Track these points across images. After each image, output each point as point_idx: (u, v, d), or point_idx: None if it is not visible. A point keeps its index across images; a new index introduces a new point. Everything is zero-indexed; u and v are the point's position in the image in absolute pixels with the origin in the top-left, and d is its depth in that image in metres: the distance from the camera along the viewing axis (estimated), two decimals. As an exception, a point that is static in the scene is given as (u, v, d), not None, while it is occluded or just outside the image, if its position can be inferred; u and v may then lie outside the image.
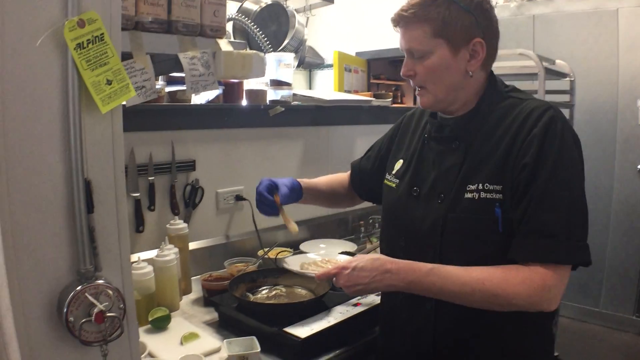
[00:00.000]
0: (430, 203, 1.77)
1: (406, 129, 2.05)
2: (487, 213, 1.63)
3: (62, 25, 1.09)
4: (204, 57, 1.78)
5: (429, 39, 1.68)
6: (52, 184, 1.12)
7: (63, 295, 1.14)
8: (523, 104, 1.71)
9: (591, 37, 5.08)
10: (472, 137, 1.73)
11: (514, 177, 1.61)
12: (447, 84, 1.73)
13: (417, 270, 1.63)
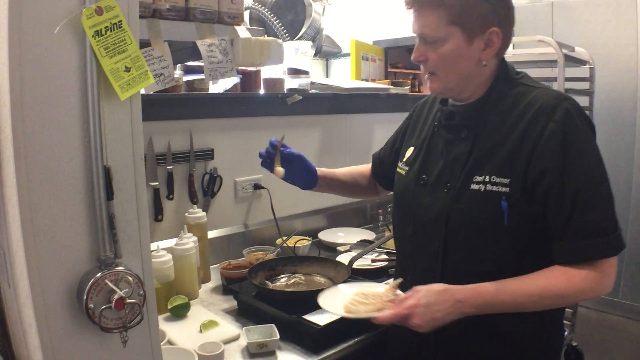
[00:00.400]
0: (436, 192, 1.75)
1: (418, 116, 2.03)
2: (492, 206, 1.61)
3: (80, 12, 1.09)
4: (222, 44, 1.78)
5: (443, 25, 1.62)
6: (71, 171, 1.13)
7: (83, 282, 1.15)
8: (533, 94, 1.67)
9: (610, 25, 5.02)
10: (481, 126, 1.70)
11: (528, 177, 1.59)
12: (458, 73, 1.69)
13: (485, 293, 1.58)
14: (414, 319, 1.57)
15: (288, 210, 3.19)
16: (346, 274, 2.23)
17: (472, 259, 1.67)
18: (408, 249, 1.86)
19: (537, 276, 1.59)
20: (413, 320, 1.57)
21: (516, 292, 1.58)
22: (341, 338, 1.98)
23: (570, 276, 1.56)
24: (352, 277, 2.27)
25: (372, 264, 2.55)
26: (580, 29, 5.17)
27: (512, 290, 1.58)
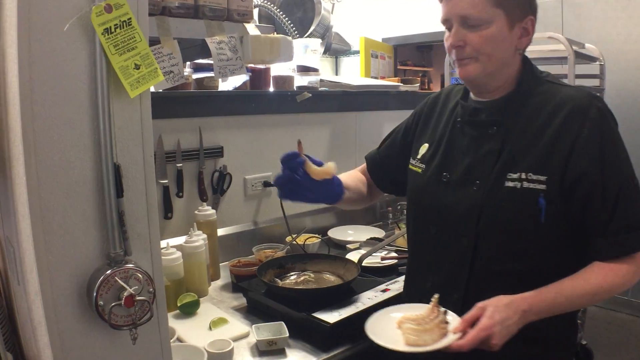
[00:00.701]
0: (463, 190, 1.70)
1: (430, 112, 1.97)
2: (530, 203, 1.59)
3: (90, 10, 1.10)
4: (232, 42, 1.78)
5: (490, 7, 1.59)
6: (81, 168, 1.13)
7: (93, 279, 1.15)
8: (562, 92, 1.66)
9: (620, 21, 5.00)
10: (510, 122, 1.67)
11: (567, 176, 1.58)
12: (499, 58, 1.65)
13: (546, 299, 1.55)
14: (494, 339, 1.46)
15: (297, 208, 3.19)
16: (355, 272, 2.22)
17: (503, 258, 1.64)
18: (430, 249, 1.80)
19: (586, 274, 1.60)
20: (493, 340, 1.46)
21: (572, 293, 1.57)
22: (351, 335, 1.97)
23: (616, 270, 1.58)
24: (362, 274, 2.27)
25: (381, 262, 2.54)
26: (590, 26, 5.15)
27: (568, 292, 1.57)
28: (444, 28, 1.71)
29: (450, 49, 1.67)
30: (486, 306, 1.50)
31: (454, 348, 1.44)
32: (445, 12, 1.66)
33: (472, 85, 1.76)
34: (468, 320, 1.49)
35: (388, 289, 2.21)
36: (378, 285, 2.24)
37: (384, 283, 2.27)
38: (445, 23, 1.68)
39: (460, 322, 1.50)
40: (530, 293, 1.54)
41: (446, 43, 1.69)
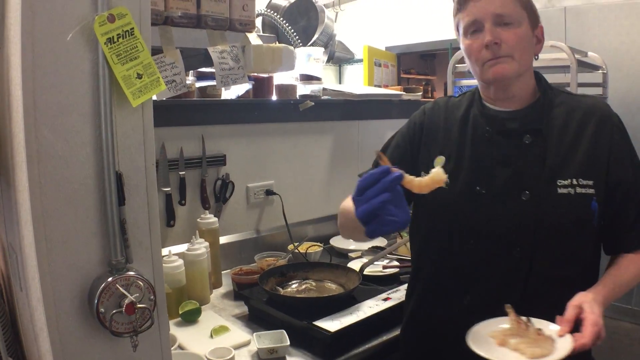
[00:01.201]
0: (508, 201, 1.67)
1: (434, 123, 1.89)
2: (584, 207, 1.64)
3: (93, 20, 1.10)
4: (234, 51, 1.79)
5: (519, 7, 1.65)
6: (83, 176, 1.14)
7: (94, 287, 1.16)
8: (582, 101, 1.76)
9: (623, 29, 4.99)
10: (545, 131, 1.69)
11: (609, 180, 1.67)
12: (528, 59, 1.70)
13: (610, 292, 1.60)
14: (602, 332, 1.46)
15: (300, 216, 3.20)
16: (357, 281, 2.23)
17: (561, 264, 1.65)
18: (467, 263, 1.74)
19: (623, 265, 1.70)
20: (602, 334, 1.46)
21: (622, 282, 1.66)
22: (351, 344, 1.98)
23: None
24: (364, 283, 2.27)
25: (383, 271, 2.54)
26: (593, 34, 5.15)
27: (620, 282, 1.65)
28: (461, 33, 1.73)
29: (480, 49, 1.66)
30: (581, 303, 1.50)
31: (577, 349, 1.41)
32: (474, 13, 1.66)
33: (501, 87, 1.72)
34: (570, 320, 1.47)
35: (389, 297, 2.21)
36: (379, 294, 2.25)
37: (386, 292, 2.27)
38: (471, 25, 1.68)
39: (564, 323, 1.47)
40: (598, 287, 1.59)
41: (473, 44, 1.68)
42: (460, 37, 1.75)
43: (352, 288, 2.19)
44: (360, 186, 1.41)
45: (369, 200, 1.37)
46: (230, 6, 1.79)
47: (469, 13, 1.67)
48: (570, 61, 3.48)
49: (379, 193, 1.37)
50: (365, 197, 1.39)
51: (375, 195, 1.37)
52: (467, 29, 1.69)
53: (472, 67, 1.74)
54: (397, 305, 2.13)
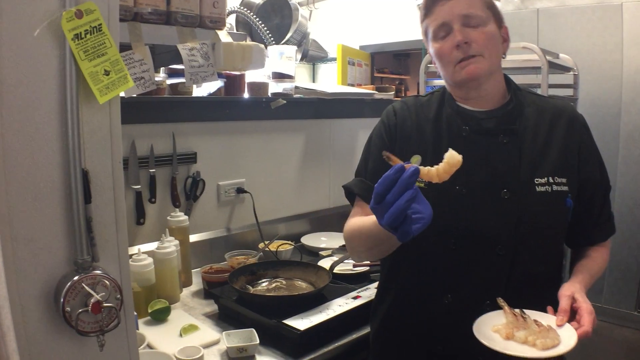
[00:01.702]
0: (488, 200, 1.69)
1: (405, 122, 1.88)
2: (560, 204, 1.70)
3: (60, 15, 1.09)
4: (203, 49, 1.78)
5: (484, 7, 1.69)
6: (49, 174, 1.12)
7: (60, 286, 1.14)
8: (551, 103, 1.83)
9: (595, 32, 5.05)
10: (519, 130, 1.73)
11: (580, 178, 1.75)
12: (497, 57, 1.74)
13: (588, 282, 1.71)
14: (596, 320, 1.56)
15: (271, 215, 3.20)
16: (327, 279, 2.23)
17: (540, 260, 1.71)
18: (448, 263, 1.73)
19: (591, 256, 1.81)
20: (595, 321, 1.55)
21: (593, 272, 1.77)
22: (321, 342, 1.99)
23: (603, 252, 1.85)
24: (334, 281, 2.28)
25: (353, 269, 2.55)
26: (566, 36, 5.20)
27: (592, 274, 1.76)
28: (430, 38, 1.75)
29: (451, 50, 1.68)
30: (572, 293, 1.57)
31: (581, 336, 1.46)
32: (442, 16, 1.69)
33: (474, 86, 1.73)
34: (567, 310, 1.53)
35: (359, 296, 2.22)
36: (349, 292, 2.25)
37: (355, 290, 2.28)
38: (440, 29, 1.70)
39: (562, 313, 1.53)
40: (578, 278, 1.71)
41: (443, 47, 1.70)
42: (429, 42, 1.77)
43: (322, 286, 2.19)
44: (378, 192, 1.35)
45: (393, 204, 1.32)
46: (200, 3, 1.78)
47: (436, 17, 1.70)
48: (542, 63, 3.50)
49: (401, 193, 1.32)
50: (387, 202, 1.33)
51: (398, 197, 1.32)
52: (436, 32, 1.72)
53: (442, 69, 1.76)
54: (367, 304, 2.14)
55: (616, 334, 5.02)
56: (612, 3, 4.95)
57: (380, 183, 1.34)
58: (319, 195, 3.52)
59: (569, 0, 5.20)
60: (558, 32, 5.25)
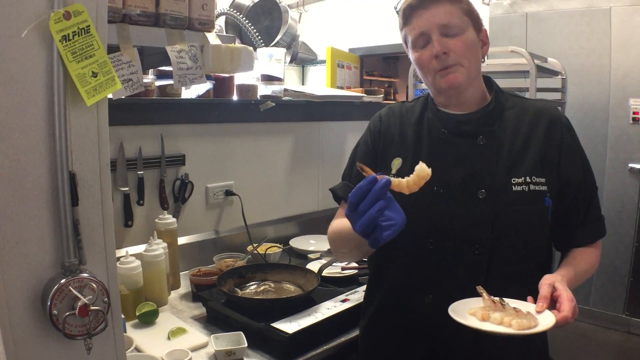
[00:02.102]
0: (466, 200, 1.71)
1: (389, 128, 1.93)
2: (537, 203, 1.71)
3: (48, 17, 1.09)
4: (192, 51, 1.78)
5: (462, 15, 1.70)
6: (36, 176, 1.12)
7: (47, 289, 1.14)
8: (532, 104, 1.84)
9: (583, 36, 5.08)
10: (498, 132, 1.74)
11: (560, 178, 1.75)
12: (477, 63, 1.75)
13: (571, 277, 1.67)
14: (576, 308, 1.49)
15: (259, 217, 3.19)
16: (315, 282, 2.23)
17: (519, 259, 1.72)
18: (427, 263, 1.76)
19: (578, 256, 1.78)
20: (576, 311, 1.49)
21: (580, 271, 1.74)
22: (309, 346, 1.98)
23: (593, 252, 1.82)
24: (322, 284, 2.28)
25: (342, 272, 2.55)
26: (554, 40, 5.23)
27: (577, 272, 1.72)
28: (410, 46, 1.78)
29: (430, 59, 1.70)
30: (553, 282, 1.55)
31: (560, 322, 1.44)
32: (420, 26, 1.71)
33: (454, 94, 1.77)
34: (547, 297, 1.51)
35: (348, 299, 2.21)
36: (338, 295, 2.25)
37: (344, 293, 2.28)
38: (419, 38, 1.72)
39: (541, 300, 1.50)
40: (561, 272, 1.68)
41: (422, 55, 1.73)
42: (409, 50, 1.80)
43: (310, 289, 2.19)
44: (352, 201, 1.42)
45: (365, 213, 1.40)
46: (189, 5, 1.78)
47: (415, 26, 1.72)
48: (530, 66, 3.52)
49: (373, 203, 1.39)
50: (360, 211, 1.41)
51: (370, 207, 1.39)
52: (415, 42, 1.74)
53: (424, 77, 1.79)
54: (356, 307, 2.14)
55: (604, 337, 5.05)
56: (600, 7, 4.99)
57: (354, 193, 1.42)
58: (308, 197, 3.52)
59: (557, 5, 5.23)
60: (547, 36, 5.28)
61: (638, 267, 4.99)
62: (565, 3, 5.18)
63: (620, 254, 5.04)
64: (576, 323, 5.14)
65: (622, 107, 4.96)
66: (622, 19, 4.89)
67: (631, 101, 4.90)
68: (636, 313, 5.04)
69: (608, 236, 1.87)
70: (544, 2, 5.30)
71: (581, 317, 5.22)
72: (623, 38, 4.90)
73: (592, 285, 5.21)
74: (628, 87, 4.91)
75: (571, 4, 5.15)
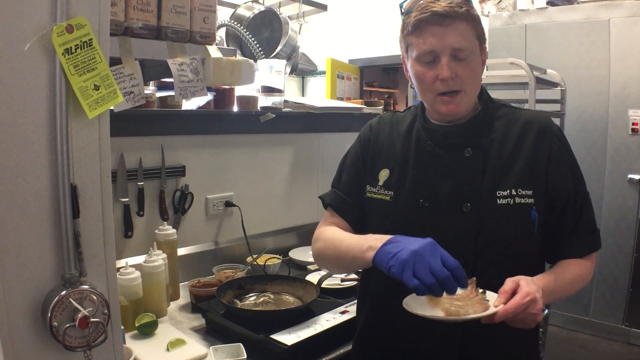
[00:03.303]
0: (450, 212, 1.70)
1: (378, 138, 1.94)
2: (523, 217, 1.67)
3: (51, 30, 1.10)
4: (193, 64, 1.79)
5: (474, 38, 1.67)
6: (38, 188, 1.13)
7: (47, 300, 1.14)
8: (522, 114, 1.80)
9: (583, 47, 5.10)
10: (484, 144, 1.73)
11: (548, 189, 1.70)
12: (478, 87, 1.75)
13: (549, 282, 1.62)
14: (538, 304, 1.49)
15: (259, 228, 3.19)
16: (315, 294, 2.23)
17: (503, 272, 1.64)
18: None
19: (564, 267, 1.73)
20: (537, 305, 1.49)
21: (563, 279, 1.69)
22: (308, 357, 1.98)
23: (580, 264, 1.74)
24: (321, 296, 2.28)
25: (341, 284, 2.55)
26: (553, 51, 5.24)
27: (562, 278, 1.68)
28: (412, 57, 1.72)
29: (434, 80, 1.66)
30: (517, 280, 1.53)
31: (500, 315, 1.45)
32: (432, 44, 1.64)
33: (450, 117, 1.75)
34: (508, 291, 1.50)
35: (347, 310, 2.21)
36: (337, 307, 2.25)
37: (343, 305, 2.27)
38: (427, 55, 1.67)
39: (500, 294, 1.51)
40: (539, 276, 1.62)
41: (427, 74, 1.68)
42: (409, 60, 1.75)
43: (309, 301, 2.19)
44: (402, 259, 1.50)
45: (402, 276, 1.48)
46: (191, 18, 1.79)
47: (425, 42, 1.65)
48: (529, 78, 3.53)
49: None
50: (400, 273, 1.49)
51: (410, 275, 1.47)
52: (421, 57, 1.68)
53: (421, 92, 1.75)
54: (355, 319, 2.13)
55: (604, 348, 5.04)
56: (599, 19, 5.00)
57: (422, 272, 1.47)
58: (308, 209, 3.52)
59: (556, 16, 5.25)
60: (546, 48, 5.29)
61: (637, 278, 4.98)
62: (564, 15, 5.20)
63: (620, 264, 5.04)
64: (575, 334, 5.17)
65: (621, 118, 4.96)
66: (620, 31, 4.90)
67: (630, 112, 4.90)
68: (636, 324, 5.03)
69: (607, 247, 1.87)
70: (543, 14, 5.32)
71: (581, 327, 5.26)
72: (622, 49, 4.92)
73: (592, 296, 5.21)
74: (627, 98, 4.91)
75: (570, 16, 5.16)
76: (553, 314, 5.17)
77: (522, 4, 5.43)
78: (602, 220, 4.98)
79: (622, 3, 4.87)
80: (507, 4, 5.54)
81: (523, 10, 5.42)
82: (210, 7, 1.84)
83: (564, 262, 1.74)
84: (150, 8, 1.68)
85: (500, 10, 5.57)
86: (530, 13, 5.40)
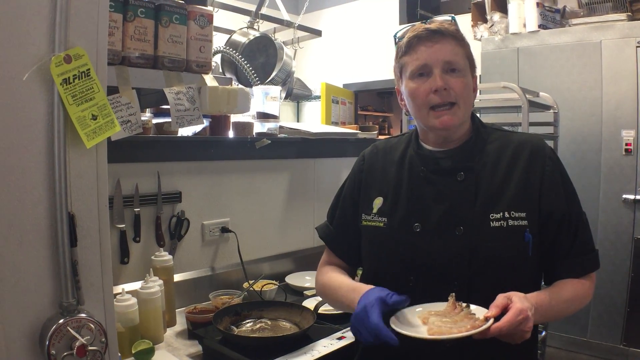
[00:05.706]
0: (444, 237, 1.72)
1: (372, 167, 1.97)
2: (517, 239, 1.68)
3: (49, 60, 1.11)
4: (190, 92, 1.80)
5: (464, 58, 1.74)
6: (36, 217, 1.13)
7: (45, 328, 1.15)
8: (515, 137, 1.82)
9: (575, 69, 5.13)
10: (477, 168, 1.75)
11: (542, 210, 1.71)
12: (470, 106, 1.78)
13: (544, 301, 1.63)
14: (529, 322, 1.49)
15: (255, 254, 3.19)
16: (312, 320, 2.23)
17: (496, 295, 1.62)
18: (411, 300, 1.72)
19: (560, 286, 1.73)
20: (529, 324, 1.49)
21: (559, 299, 1.69)
22: (306, 384, 1.98)
23: (581, 285, 1.73)
24: (318, 322, 2.27)
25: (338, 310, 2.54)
26: (546, 74, 5.28)
27: (556, 299, 1.68)
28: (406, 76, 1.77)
29: (428, 93, 1.71)
30: (510, 296, 1.54)
31: (492, 331, 1.46)
32: (425, 58, 1.71)
33: (445, 134, 1.78)
34: (499, 306, 1.51)
35: (344, 336, 2.21)
36: (334, 332, 2.25)
37: (340, 331, 2.27)
38: (420, 69, 1.72)
39: (492, 309, 1.51)
40: (533, 294, 1.62)
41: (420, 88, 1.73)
42: (404, 80, 1.79)
43: (306, 327, 2.19)
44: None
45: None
46: (187, 48, 1.81)
47: (418, 57, 1.72)
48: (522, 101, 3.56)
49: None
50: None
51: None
52: (414, 72, 1.73)
53: (415, 110, 1.78)
54: (352, 344, 2.13)
55: (602, 369, 5.02)
56: (591, 41, 5.04)
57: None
58: (303, 234, 3.53)
59: (548, 39, 5.29)
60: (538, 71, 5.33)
61: (634, 298, 4.98)
62: (556, 37, 5.24)
63: (616, 284, 5.04)
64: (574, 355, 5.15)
65: (614, 138, 4.98)
66: (612, 52, 4.94)
67: (623, 132, 4.92)
68: (634, 343, 5.02)
69: (603, 267, 1.87)
70: (535, 37, 5.36)
71: (579, 348, 5.25)
72: (614, 71, 4.95)
73: (589, 317, 5.19)
74: (620, 119, 4.94)
75: (562, 38, 5.20)
76: (551, 336, 5.15)
77: (514, 27, 5.47)
78: (598, 240, 4.98)
79: (614, 25, 4.91)
80: (499, 28, 5.58)
81: (515, 34, 5.46)
82: (206, 36, 1.86)
83: (560, 282, 1.74)
84: (147, 38, 1.70)
85: (493, 34, 5.62)
86: (522, 36, 5.44)
